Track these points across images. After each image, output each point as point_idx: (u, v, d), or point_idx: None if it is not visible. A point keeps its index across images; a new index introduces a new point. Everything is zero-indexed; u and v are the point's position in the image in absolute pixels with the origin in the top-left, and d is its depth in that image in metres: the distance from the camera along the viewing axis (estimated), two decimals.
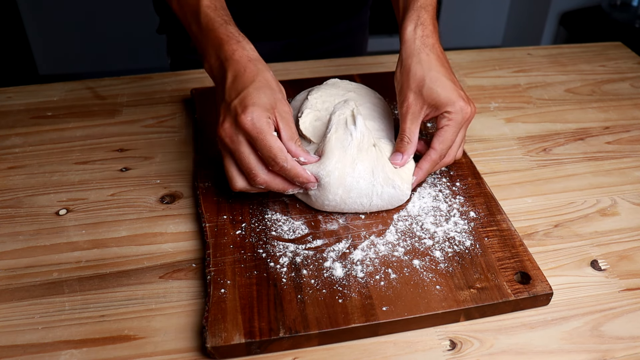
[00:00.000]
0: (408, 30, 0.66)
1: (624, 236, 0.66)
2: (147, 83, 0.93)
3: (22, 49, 2.51)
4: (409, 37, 0.66)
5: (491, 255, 0.60)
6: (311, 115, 0.69)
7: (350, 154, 0.63)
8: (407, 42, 0.66)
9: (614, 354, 0.53)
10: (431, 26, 0.67)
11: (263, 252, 0.60)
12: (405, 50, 0.66)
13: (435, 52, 0.66)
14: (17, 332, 0.54)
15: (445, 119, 0.64)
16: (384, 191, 0.63)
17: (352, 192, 0.62)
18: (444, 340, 0.54)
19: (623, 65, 1.02)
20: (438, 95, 0.64)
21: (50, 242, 0.64)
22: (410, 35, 0.66)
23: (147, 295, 0.58)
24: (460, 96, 0.64)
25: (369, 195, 0.63)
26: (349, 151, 0.63)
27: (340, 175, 0.62)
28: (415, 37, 0.66)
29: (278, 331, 0.52)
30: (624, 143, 0.82)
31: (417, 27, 0.66)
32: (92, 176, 0.73)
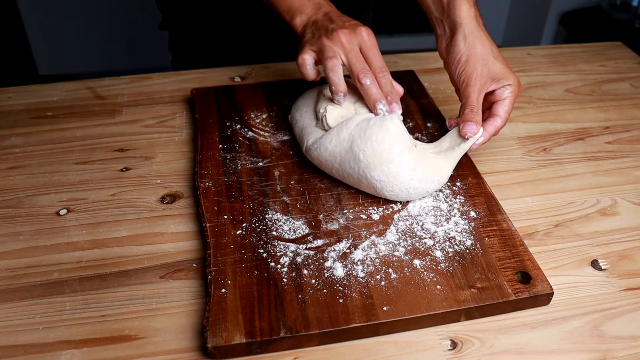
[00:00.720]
0: (464, 9, 0.72)
1: (624, 236, 0.66)
2: (147, 83, 0.93)
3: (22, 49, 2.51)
4: (467, 15, 0.72)
5: (492, 255, 0.60)
6: (335, 112, 0.70)
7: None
8: (466, 19, 0.72)
9: (615, 354, 0.53)
10: (477, 9, 0.74)
11: (264, 252, 0.60)
12: (467, 26, 0.71)
13: (486, 33, 0.73)
14: (18, 332, 0.54)
15: (508, 90, 0.70)
16: (420, 186, 0.65)
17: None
18: (444, 340, 0.54)
19: (623, 65, 1.02)
20: (501, 70, 0.70)
21: (51, 242, 0.64)
22: (467, 14, 0.72)
23: (148, 295, 0.58)
24: (513, 71, 0.72)
25: (406, 188, 0.65)
26: None
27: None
28: (473, 16, 0.72)
29: (279, 331, 0.52)
30: (624, 143, 0.82)
31: (470, 7, 0.72)
32: (93, 176, 0.73)
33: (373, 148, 0.64)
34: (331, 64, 0.67)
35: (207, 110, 0.82)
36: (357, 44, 0.69)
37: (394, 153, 0.63)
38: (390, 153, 0.63)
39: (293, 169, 0.72)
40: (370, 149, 0.64)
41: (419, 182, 0.65)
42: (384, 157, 0.63)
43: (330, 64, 0.67)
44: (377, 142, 0.64)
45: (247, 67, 0.97)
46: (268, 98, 0.86)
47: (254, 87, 0.88)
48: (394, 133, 0.64)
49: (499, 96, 0.70)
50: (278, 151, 0.75)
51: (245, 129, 0.79)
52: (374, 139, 0.64)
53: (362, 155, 0.64)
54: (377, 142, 0.64)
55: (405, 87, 0.89)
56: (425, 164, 0.65)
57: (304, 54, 0.70)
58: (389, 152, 0.63)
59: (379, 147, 0.63)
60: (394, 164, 0.63)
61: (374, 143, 0.64)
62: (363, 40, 0.70)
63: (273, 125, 0.80)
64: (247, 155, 0.74)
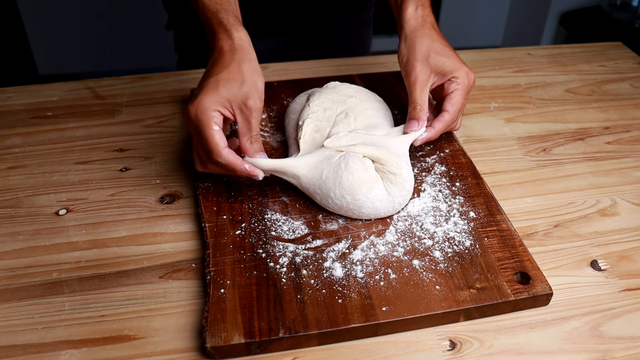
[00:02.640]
0: (409, 10, 0.72)
1: (624, 236, 0.66)
2: (147, 83, 0.93)
3: (22, 49, 2.51)
4: (411, 16, 0.72)
5: (491, 256, 0.60)
6: (311, 126, 0.70)
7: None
8: (410, 20, 0.72)
9: (614, 354, 0.53)
10: (429, 8, 0.74)
11: (263, 252, 0.60)
12: (408, 27, 0.72)
13: (435, 29, 0.72)
14: (17, 332, 0.54)
15: (454, 83, 0.69)
16: (402, 202, 0.64)
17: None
18: (443, 340, 0.54)
19: (623, 65, 1.02)
20: (444, 63, 0.69)
21: (50, 242, 0.64)
22: (412, 14, 0.72)
23: (147, 295, 0.58)
24: (464, 63, 0.71)
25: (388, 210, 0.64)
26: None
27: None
28: (417, 16, 0.72)
29: (278, 331, 0.52)
30: (624, 143, 0.82)
31: (417, 7, 0.72)
32: (92, 176, 0.73)
33: (337, 204, 0.63)
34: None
35: None
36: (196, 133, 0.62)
37: (363, 194, 0.62)
38: (357, 197, 0.62)
39: None
40: (334, 204, 0.63)
41: (401, 199, 0.64)
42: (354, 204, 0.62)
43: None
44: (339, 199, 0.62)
45: None
46: (268, 98, 0.86)
47: None
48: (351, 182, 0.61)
49: (447, 90, 0.70)
50: (278, 151, 0.75)
51: None
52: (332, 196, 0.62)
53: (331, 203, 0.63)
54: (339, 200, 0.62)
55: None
56: (390, 177, 0.63)
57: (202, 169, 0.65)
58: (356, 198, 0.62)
59: (344, 203, 0.62)
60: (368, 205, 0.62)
61: (336, 200, 0.62)
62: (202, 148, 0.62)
63: (273, 125, 0.80)
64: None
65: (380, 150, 0.64)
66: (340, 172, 0.62)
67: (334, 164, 0.63)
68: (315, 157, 0.65)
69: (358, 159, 0.63)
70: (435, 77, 0.70)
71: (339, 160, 0.63)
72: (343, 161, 0.62)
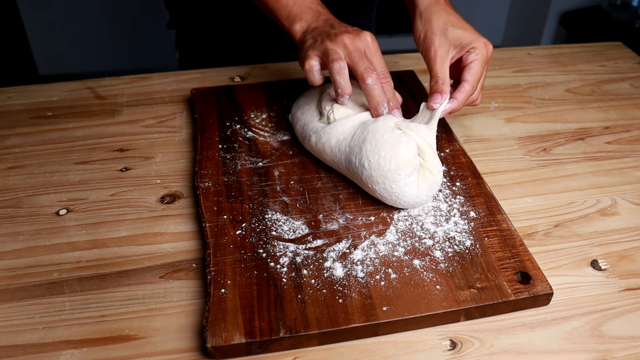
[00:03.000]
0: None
1: (624, 236, 0.66)
2: (147, 83, 0.93)
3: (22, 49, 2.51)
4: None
5: (491, 255, 0.60)
6: (342, 110, 0.71)
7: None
8: (419, 1, 0.74)
9: (614, 354, 0.53)
10: None
11: (263, 252, 0.60)
12: (422, 4, 0.73)
13: (449, 4, 0.74)
14: (17, 332, 0.54)
15: (473, 54, 0.70)
16: (424, 199, 0.65)
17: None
18: (444, 340, 0.54)
19: (623, 65, 1.02)
20: (462, 36, 0.70)
21: (51, 242, 0.64)
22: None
23: (148, 295, 0.58)
24: (481, 36, 0.71)
25: (410, 203, 0.65)
26: None
27: None
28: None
29: (278, 331, 0.52)
30: (624, 143, 0.82)
31: None
32: (92, 176, 0.73)
33: (379, 164, 0.63)
34: (337, 67, 0.66)
35: (207, 110, 0.82)
36: (361, 48, 0.68)
37: (400, 176, 0.63)
38: (395, 175, 0.62)
39: (293, 169, 0.72)
40: (376, 162, 0.63)
41: (424, 197, 0.65)
42: (388, 177, 0.63)
43: (337, 67, 0.66)
44: (385, 160, 0.63)
45: (247, 67, 0.97)
46: (268, 98, 0.86)
47: (254, 87, 0.88)
48: (405, 157, 0.62)
49: (465, 61, 0.70)
50: (278, 151, 0.75)
51: (245, 129, 0.79)
52: (382, 155, 0.63)
53: (367, 164, 0.64)
54: (384, 160, 0.63)
55: (405, 87, 0.89)
56: (425, 173, 0.64)
57: (310, 60, 0.69)
58: (395, 174, 0.62)
59: (385, 166, 0.63)
60: (398, 184, 0.63)
61: (381, 159, 0.63)
62: (367, 45, 0.69)
63: (273, 125, 0.80)
64: (246, 155, 0.74)
65: (427, 146, 0.65)
66: (400, 145, 0.63)
67: (397, 135, 0.64)
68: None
69: (414, 143, 0.64)
70: (455, 50, 0.71)
71: (401, 135, 0.64)
72: (405, 137, 0.63)
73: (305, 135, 0.72)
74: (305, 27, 0.73)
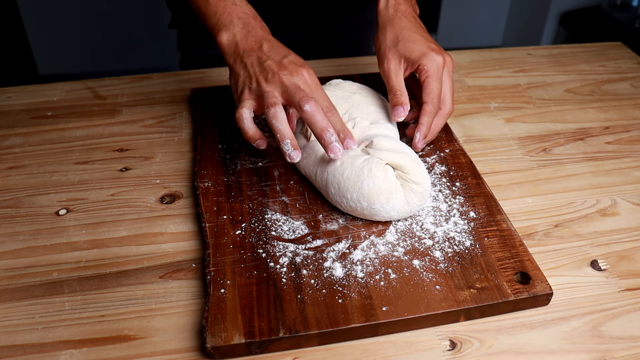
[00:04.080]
0: (381, 3, 0.75)
1: (624, 236, 0.66)
2: (147, 83, 0.93)
3: (22, 49, 2.51)
4: (382, 8, 0.75)
5: (491, 255, 0.60)
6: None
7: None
8: (381, 12, 0.74)
9: (614, 354, 0.53)
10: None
11: (263, 252, 0.60)
12: (380, 17, 0.74)
13: (407, 16, 0.73)
14: (17, 332, 0.54)
15: (423, 72, 0.69)
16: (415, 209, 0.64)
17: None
18: (443, 340, 0.54)
19: (623, 65, 1.02)
20: (411, 49, 0.70)
21: (50, 242, 0.64)
22: (384, 6, 0.75)
23: (147, 295, 0.58)
24: (432, 48, 0.70)
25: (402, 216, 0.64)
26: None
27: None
28: (388, 7, 0.74)
29: (278, 331, 0.52)
30: (624, 143, 0.82)
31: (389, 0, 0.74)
32: (92, 176, 0.73)
33: (350, 206, 0.62)
34: (272, 112, 0.61)
35: (207, 110, 0.82)
36: (299, 84, 0.63)
37: (376, 208, 0.61)
38: (371, 209, 0.61)
39: (292, 169, 0.72)
40: (347, 205, 0.63)
41: (416, 208, 0.63)
42: (366, 214, 0.62)
43: (272, 112, 0.61)
44: (353, 202, 0.61)
45: None
46: None
47: None
48: (372, 190, 0.60)
49: (420, 80, 0.70)
50: (277, 151, 0.75)
51: None
52: (349, 197, 0.62)
53: (340, 205, 0.64)
54: (353, 202, 0.61)
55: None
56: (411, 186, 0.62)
57: (242, 108, 0.64)
58: (370, 209, 0.61)
59: (358, 206, 0.62)
60: (380, 213, 0.62)
61: (350, 202, 0.62)
62: (305, 82, 0.64)
63: None
64: (246, 155, 0.74)
65: (404, 158, 0.62)
66: (362, 178, 0.61)
67: (357, 166, 0.62)
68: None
69: (381, 167, 0.61)
70: (406, 63, 0.71)
71: (363, 164, 0.62)
72: (366, 166, 0.61)
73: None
74: (231, 39, 0.68)
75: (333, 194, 0.63)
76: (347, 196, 0.62)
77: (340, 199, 0.63)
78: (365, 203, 0.61)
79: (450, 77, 0.72)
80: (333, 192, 0.63)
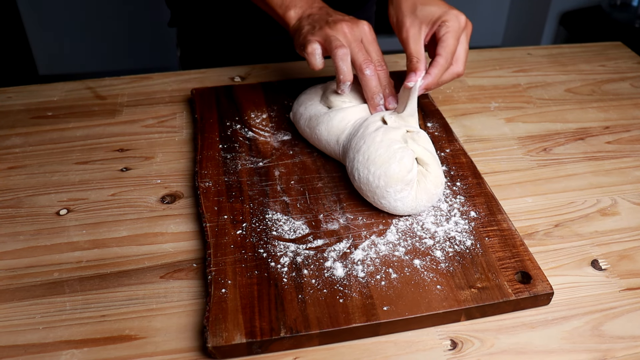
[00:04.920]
0: None
1: (624, 236, 0.66)
2: (147, 83, 0.93)
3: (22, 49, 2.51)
4: None
5: (492, 255, 0.60)
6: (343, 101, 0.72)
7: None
8: None
9: (615, 354, 0.53)
10: None
11: (264, 252, 0.60)
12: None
13: None
14: (18, 332, 0.54)
15: (444, 27, 0.69)
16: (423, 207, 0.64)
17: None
18: (444, 339, 0.54)
19: (623, 65, 1.02)
20: (431, 11, 0.70)
21: (51, 242, 0.64)
22: None
23: (148, 295, 0.58)
24: (452, 7, 0.71)
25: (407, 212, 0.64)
26: None
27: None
28: None
29: (279, 331, 0.52)
30: (624, 143, 0.82)
31: None
32: (93, 176, 0.73)
33: (367, 179, 0.63)
34: (341, 53, 0.67)
35: (207, 110, 0.82)
36: (359, 37, 0.69)
37: (389, 192, 0.62)
38: (384, 191, 0.62)
39: (293, 168, 0.72)
40: (365, 177, 0.63)
41: (421, 207, 0.64)
42: (377, 193, 0.63)
43: (340, 53, 0.67)
44: (374, 176, 0.62)
45: (247, 67, 0.97)
46: (268, 98, 0.86)
47: (254, 87, 0.88)
48: (394, 174, 0.61)
49: (438, 35, 0.70)
50: (278, 151, 0.75)
51: (245, 129, 0.79)
52: (372, 171, 0.62)
53: (356, 176, 0.64)
54: (373, 176, 0.62)
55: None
56: (427, 184, 0.63)
57: (312, 44, 0.68)
58: (384, 190, 0.62)
59: (374, 182, 0.62)
60: (387, 200, 0.62)
61: (370, 175, 0.63)
62: (364, 34, 0.70)
63: (273, 125, 0.80)
64: (247, 155, 0.74)
65: (432, 159, 0.65)
66: (393, 161, 0.62)
67: (392, 150, 0.63)
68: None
69: (412, 159, 0.63)
70: (427, 27, 0.71)
71: (397, 150, 0.63)
72: (400, 153, 0.62)
73: (312, 125, 0.73)
74: (300, 13, 0.73)
75: (359, 161, 0.64)
76: (371, 169, 0.63)
77: (363, 168, 0.63)
78: (383, 182, 0.62)
79: (468, 41, 0.72)
80: (361, 159, 0.64)
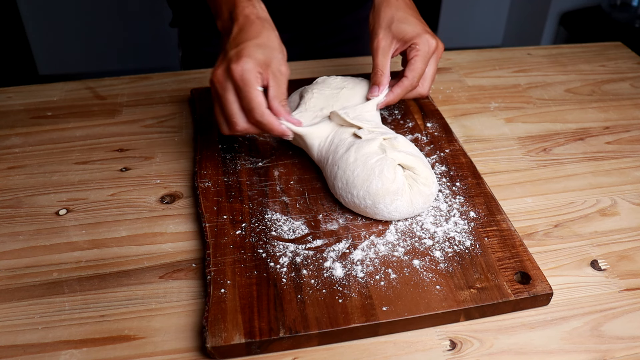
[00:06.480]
0: None
1: (624, 236, 0.66)
2: (147, 83, 0.93)
3: (22, 49, 2.51)
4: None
5: (491, 255, 0.60)
6: (308, 115, 0.70)
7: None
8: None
9: (614, 354, 0.53)
10: None
11: (263, 252, 0.60)
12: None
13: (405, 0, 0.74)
14: (17, 332, 0.54)
15: (414, 50, 0.70)
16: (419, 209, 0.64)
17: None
18: (444, 340, 0.54)
19: (623, 65, 1.02)
20: (405, 30, 0.70)
21: (50, 242, 0.64)
22: None
23: (147, 295, 0.58)
24: (426, 31, 0.71)
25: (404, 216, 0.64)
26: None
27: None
28: None
29: (278, 331, 0.52)
30: (624, 143, 0.82)
31: None
32: (92, 176, 0.73)
33: (354, 202, 0.63)
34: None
35: (206, 110, 0.82)
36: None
37: (380, 207, 0.62)
38: (374, 208, 0.62)
39: (292, 169, 0.72)
40: (350, 201, 0.63)
41: (419, 209, 0.64)
42: (368, 212, 0.63)
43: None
44: (358, 199, 0.62)
45: None
46: None
47: None
48: (379, 190, 0.61)
49: (408, 57, 0.71)
50: (277, 151, 0.75)
51: None
52: (354, 194, 0.62)
53: (343, 200, 0.64)
54: (357, 199, 0.62)
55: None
56: (420, 187, 0.63)
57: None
58: (374, 208, 0.62)
59: (361, 203, 0.62)
60: (382, 213, 0.62)
61: (355, 198, 0.62)
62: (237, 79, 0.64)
63: None
64: (246, 155, 0.74)
65: (417, 161, 0.63)
66: (372, 177, 0.61)
67: (369, 166, 0.62)
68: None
69: (392, 168, 0.62)
70: (397, 43, 0.71)
71: (375, 164, 0.62)
72: (378, 167, 0.61)
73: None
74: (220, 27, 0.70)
75: (339, 188, 0.64)
76: (354, 192, 0.62)
77: (345, 194, 0.63)
78: (369, 202, 0.61)
79: (436, 64, 0.73)
80: (340, 186, 0.63)
